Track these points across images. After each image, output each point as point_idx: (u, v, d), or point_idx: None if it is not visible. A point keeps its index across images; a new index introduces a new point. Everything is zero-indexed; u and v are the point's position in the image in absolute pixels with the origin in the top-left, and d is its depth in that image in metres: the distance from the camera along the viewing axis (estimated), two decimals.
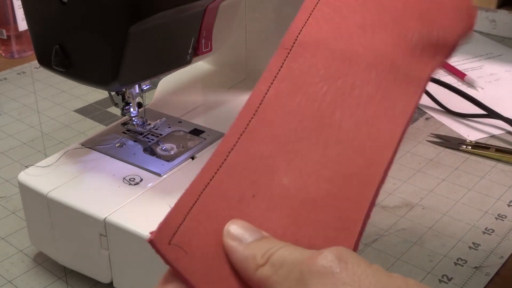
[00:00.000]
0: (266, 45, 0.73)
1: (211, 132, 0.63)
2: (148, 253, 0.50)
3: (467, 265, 0.58)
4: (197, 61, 0.57)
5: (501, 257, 0.58)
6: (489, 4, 1.09)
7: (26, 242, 0.62)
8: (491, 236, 0.62)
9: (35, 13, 0.53)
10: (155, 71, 0.54)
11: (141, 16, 0.48)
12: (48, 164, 0.58)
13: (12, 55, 1.04)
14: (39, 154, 0.77)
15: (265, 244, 0.32)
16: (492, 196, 0.68)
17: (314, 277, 0.29)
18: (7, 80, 0.96)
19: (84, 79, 0.53)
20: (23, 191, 0.57)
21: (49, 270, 0.59)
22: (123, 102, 0.60)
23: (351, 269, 0.29)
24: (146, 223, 0.51)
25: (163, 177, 0.56)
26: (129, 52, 0.49)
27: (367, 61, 0.38)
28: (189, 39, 0.54)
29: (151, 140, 0.62)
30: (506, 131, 0.80)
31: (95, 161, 0.59)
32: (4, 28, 1.02)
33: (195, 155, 0.60)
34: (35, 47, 0.54)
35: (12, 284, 0.57)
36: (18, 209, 0.67)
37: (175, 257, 0.33)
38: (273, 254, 0.31)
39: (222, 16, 0.57)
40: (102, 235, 0.52)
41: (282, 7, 0.70)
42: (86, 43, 0.50)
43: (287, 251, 0.31)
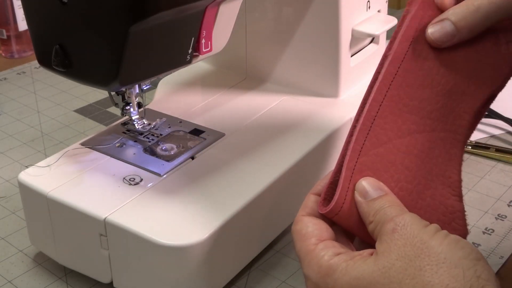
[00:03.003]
0: (266, 45, 0.73)
1: (211, 132, 0.63)
2: (148, 253, 0.51)
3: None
4: (197, 61, 0.57)
5: (501, 257, 0.58)
6: None
7: (26, 242, 0.62)
8: (491, 236, 0.62)
9: (35, 13, 0.52)
10: (155, 71, 0.54)
11: (141, 16, 0.48)
12: (48, 164, 0.58)
13: (12, 55, 1.04)
14: (39, 154, 0.77)
15: (378, 203, 0.40)
16: (492, 196, 0.68)
17: (386, 234, 0.39)
18: (7, 80, 0.96)
19: (84, 79, 0.53)
20: (23, 191, 0.57)
21: (49, 270, 0.59)
22: (123, 102, 0.60)
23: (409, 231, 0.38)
24: (146, 223, 0.51)
25: (163, 177, 0.56)
26: (129, 52, 0.49)
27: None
28: (189, 39, 0.54)
29: (151, 140, 0.62)
30: (506, 131, 0.80)
31: (95, 161, 0.59)
32: (4, 28, 1.02)
33: (195, 155, 0.60)
34: (35, 47, 0.54)
35: (12, 284, 0.57)
36: (18, 209, 0.67)
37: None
38: (377, 214, 0.40)
39: (222, 16, 0.57)
40: (102, 235, 0.52)
41: (282, 7, 0.70)
42: (86, 43, 0.50)
43: (386, 211, 0.40)
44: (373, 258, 0.38)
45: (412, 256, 0.37)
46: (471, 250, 0.37)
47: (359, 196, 0.42)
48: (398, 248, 0.37)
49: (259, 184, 0.55)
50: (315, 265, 0.39)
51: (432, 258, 0.36)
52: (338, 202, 0.42)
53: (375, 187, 0.42)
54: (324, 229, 0.41)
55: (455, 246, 0.37)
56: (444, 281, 0.35)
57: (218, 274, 0.53)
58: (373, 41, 0.76)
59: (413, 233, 0.38)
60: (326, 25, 0.68)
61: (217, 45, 0.58)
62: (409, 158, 0.43)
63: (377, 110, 0.44)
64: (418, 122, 0.44)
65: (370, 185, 0.42)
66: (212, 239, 0.50)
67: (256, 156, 0.59)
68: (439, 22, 0.44)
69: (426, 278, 0.35)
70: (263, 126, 0.65)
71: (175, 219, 0.52)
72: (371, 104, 0.44)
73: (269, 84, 0.74)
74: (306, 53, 0.70)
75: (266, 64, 0.74)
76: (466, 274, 0.35)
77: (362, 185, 0.42)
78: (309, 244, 0.40)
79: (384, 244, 0.38)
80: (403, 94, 0.45)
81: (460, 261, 0.36)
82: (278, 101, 0.70)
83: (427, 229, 0.38)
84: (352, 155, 0.43)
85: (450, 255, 0.36)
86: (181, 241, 0.49)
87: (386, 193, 0.41)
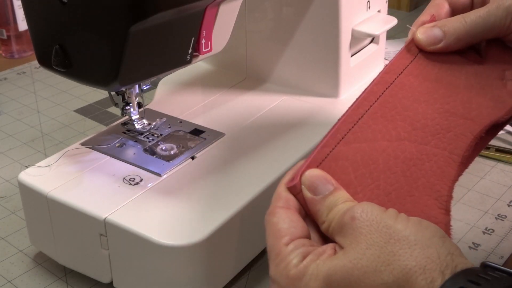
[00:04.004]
0: (266, 45, 0.73)
1: (211, 132, 0.63)
2: (148, 253, 0.51)
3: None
4: (197, 61, 0.57)
5: (501, 257, 0.58)
6: None
7: (26, 242, 0.62)
8: (491, 236, 0.62)
9: (35, 13, 0.52)
10: (155, 71, 0.54)
11: (142, 16, 0.48)
12: (48, 164, 0.58)
13: (12, 55, 1.04)
14: (39, 154, 0.77)
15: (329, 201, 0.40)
16: (492, 196, 0.68)
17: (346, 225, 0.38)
18: (7, 80, 0.96)
19: (84, 79, 0.53)
20: (23, 191, 0.57)
21: (49, 270, 0.59)
22: (123, 102, 0.60)
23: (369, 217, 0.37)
24: (146, 223, 0.51)
25: (163, 177, 0.56)
26: (129, 52, 0.49)
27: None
28: (189, 39, 0.54)
29: (151, 140, 0.62)
30: (506, 131, 0.80)
31: (95, 161, 0.59)
32: (4, 28, 1.02)
33: (195, 155, 0.60)
34: (35, 47, 0.54)
35: (12, 284, 0.57)
36: (18, 209, 0.67)
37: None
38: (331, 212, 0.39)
39: (222, 16, 0.57)
40: (102, 235, 0.52)
41: (282, 7, 0.70)
42: (86, 43, 0.50)
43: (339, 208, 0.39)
44: (341, 253, 0.37)
45: (381, 242, 0.36)
46: (435, 228, 0.37)
47: (308, 192, 0.40)
48: (365, 236, 0.37)
49: (259, 184, 0.55)
50: (284, 269, 0.38)
51: (403, 242, 0.36)
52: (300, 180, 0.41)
53: (323, 180, 0.40)
54: (299, 226, 0.40)
55: (421, 227, 0.37)
56: (421, 262, 0.35)
57: (218, 274, 0.53)
58: (373, 41, 0.76)
59: (375, 219, 0.37)
60: (326, 25, 0.68)
61: (217, 45, 0.58)
62: (394, 161, 0.43)
63: (367, 109, 0.44)
64: (410, 132, 0.44)
65: (318, 178, 0.40)
66: (212, 239, 0.50)
67: (256, 156, 0.59)
68: (429, 27, 0.48)
69: (402, 263, 0.35)
70: (263, 126, 0.65)
71: (175, 219, 0.52)
72: (361, 102, 0.44)
73: (269, 84, 0.74)
74: (306, 53, 0.70)
75: (266, 64, 0.74)
76: (440, 252, 0.35)
77: (309, 179, 0.40)
78: (280, 244, 0.39)
79: (349, 237, 0.37)
80: (397, 103, 0.45)
81: (430, 240, 0.36)
82: (278, 101, 0.70)
83: (387, 213, 0.38)
84: (329, 140, 0.42)
85: (420, 236, 0.36)
86: (181, 241, 0.49)
87: (335, 188, 0.40)
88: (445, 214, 0.42)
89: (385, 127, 0.44)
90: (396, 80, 0.46)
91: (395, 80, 0.46)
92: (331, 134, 0.43)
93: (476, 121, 0.45)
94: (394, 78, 0.46)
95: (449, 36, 0.48)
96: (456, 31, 0.47)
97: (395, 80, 0.46)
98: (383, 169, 0.42)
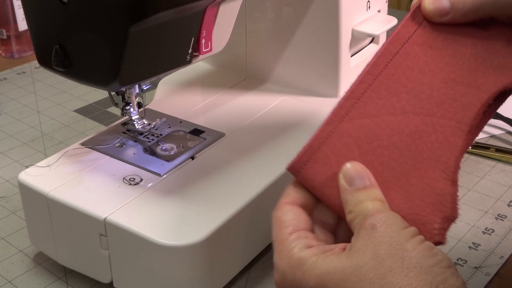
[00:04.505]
0: (266, 45, 0.73)
1: (211, 132, 0.63)
2: (148, 253, 0.50)
3: (467, 265, 0.58)
4: (197, 61, 0.57)
5: (501, 257, 0.58)
6: None
7: (26, 242, 0.62)
8: (491, 236, 0.62)
9: (35, 13, 0.52)
10: (155, 71, 0.54)
11: (141, 16, 0.48)
12: (48, 164, 0.58)
13: (12, 55, 1.04)
14: (39, 154, 0.77)
15: (361, 195, 0.40)
16: (492, 196, 0.68)
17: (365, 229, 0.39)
18: (7, 80, 0.96)
19: (84, 79, 0.53)
20: (23, 191, 0.57)
21: (49, 270, 0.59)
22: (123, 102, 0.60)
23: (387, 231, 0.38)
24: (146, 223, 0.51)
25: (163, 177, 0.56)
26: (129, 52, 0.49)
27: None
28: (189, 39, 0.54)
29: (151, 140, 0.62)
30: (506, 131, 0.80)
31: (95, 161, 0.59)
32: (4, 28, 1.02)
33: (195, 155, 0.60)
34: (35, 47, 0.54)
35: (12, 284, 0.57)
36: (18, 209, 0.67)
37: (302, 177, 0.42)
38: (358, 205, 0.40)
39: (222, 16, 0.57)
40: (102, 235, 0.52)
41: (282, 7, 0.70)
42: (86, 43, 0.50)
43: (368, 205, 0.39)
44: (346, 254, 0.38)
45: (384, 255, 0.37)
46: (443, 258, 0.37)
47: (343, 181, 0.41)
48: (374, 246, 0.37)
49: (259, 184, 0.55)
50: (285, 255, 0.39)
51: (404, 261, 0.37)
52: (301, 158, 0.41)
53: (361, 175, 0.41)
54: (303, 219, 0.41)
55: (428, 253, 0.37)
56: (413, 284, 0.36)
57: (218, 274, 0.53)
58: (373, 41, 0.76)
59: (391, 233, 0.38)
60: (326, 25, 0.68)
61: (217, 45, 0.58)
62: (398, 136, 0.43)
63: (370, 83, 0.44)
64: (415, 104, 0.44)
65: (357, 171, 0.41)
66: (212, 239, 0.50)
67: (256, 156, 0.59)
68: None
69: (394, 279, 0.36)
70: (263, 126, 0.65)
71: (175, 219, 0.52)
72: (365, 76, 0.44)
73: (269, 84, 0.74)
74: (306, 53, 0.70)
75: (266, 64, 0.74)
76: (434, 279, 0.36)
77: (348, 170, 0.41)
78: (284, 233, 0.40)
79: (360, 241, 0.38)
80: (401, 75, 0.44)
81: (430, 268, 0.37)
82: (278, 101, 0.70)
83: (405, 231, 0.38)
84: (332, 117, 0.42)
85: (422, 261, 0.37)
86: (181, 241, 0.49)
87: (371, 184, 0.41)
88: (452, 185, 0.42)
89: (389, 100, 0.44)
90: (400, 50, 0.45)
91: (400, 50, 0.45)
92: (334, 111, 0.43)
93: (483, 89, 0.45)
94: (399, 48, 0.45)
95: (457, 11, 0.46)
96: (464, 6, 0.46)
97: (399, 50, 0.45)
98: (387, 145, 0.42)
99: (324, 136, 0.42)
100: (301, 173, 0.41)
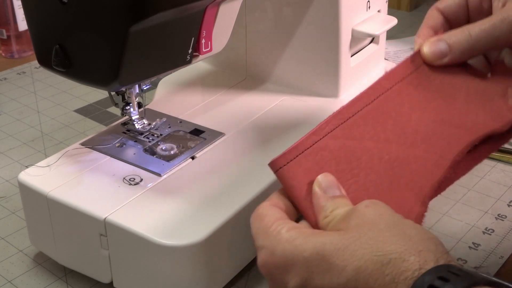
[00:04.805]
0: (266, 45, 0.73)
1: (211, 132, 0.63)
2: (148, 253, 0.50)
3: (467, 265, 0.58)
4: (197, 61, 0.57)
5: (501, 257, 0.58)
6: None
7: (26, 242, 0.62)
8: (491, 236, 0.62)
9: (35, 13, 0.53)
10: (155, 71, 0.54)
11: (141, 16, 0.48)
12: (48, 164, 0.58)
13: (12, 55, 1.04)
14: (39, 154, 0.77)
15: (338, 202, 0.41)
16: (492, 196, 0.68)
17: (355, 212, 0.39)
18: (7, 80, 0.96)
19: (84, 79, 0.53)
20: (23, 191, 0.57)
21: (49, 270, 0.59)
22: (123, 102, 0.60)
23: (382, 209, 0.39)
24: (146, 223, 0.51)
25: (163, 177, 0.56)
26: (129, 52, 0.49)
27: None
28: (189, 39, 0.54)
29: (151, 140, 0.62)
30: None
31: (95, 161, 0.59)
32: (4, 28, 1.02)
33: (195, 155, 0.60)
34: (35, 47, 0.54)
35: (12, 284, 0.57)
36: (18, 209, 0.67)
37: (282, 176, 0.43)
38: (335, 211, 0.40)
39: (222, 16, 0.57)
40: (102, 235, 0.52)
41: (282, 7, 0.70)
42: (86, 43, 0.50)
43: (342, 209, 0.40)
44: (341, 232, 0.38)
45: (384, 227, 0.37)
46: (438, 240, 0.38)
47: (318, 188, 0.42)
48: (371, 220, 0.38)
49: (259, 184, 0.55)
50: (273, 235, 0.39)
51: (405, 232, 0.37)
52: (285, 156, 0.42)
53: (334, 185, 0.42)
54: (286, 216, 0.41)
55: (425, 232, 0.38)
56: (419, 247, 0.36)
57: (218, 274, 0.53)
58: (373, 41, 0.76)
59: (387, 211, 0.39)
60: (326, 25, 0.68)
61: (217, 45, 0.58)
62: (377, 161, 0.44)
63: (359, 110, 0.45)
64: (400, 136, 0.45)
65: (331, 182, 0.42)
66: (212, 239, 0.50)
67: (256, 156, 0.59)
68: (435, 41, 0.49)
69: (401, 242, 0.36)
70: (263, 126, 0.65)
71: (175, 219, 0.52)
72: (354, 102, 0.45)
73: (269, 84, 0.74)
74: (306, 53, 0.70)
75: (266, 64, 0.74)
76: (438, 247, 0.36)
77: (323, 179, 0.42)
78: (267, 222, 0.40)
79: (354, 220, 0.38)
80: (391, 108, 0.46)
81: (432, 238, 0.37)
82: (278, 101, 0.70)
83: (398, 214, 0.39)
84: (318, 130, 0.44)
85: (423, 233, 0.37)
86: (181, 241, 0.49)
87: (344, 195, 0.42)
88: (421, 206, 0.42)
89: (374, 128, 0.45)
90: (394, 86, 0.47)
91: (393, 86, 0.47)
92: (321, 125, 0.44)
93: (471, 131, 0.45)
94: (393, 84, 0.47)
95: (455, 50, 0.48)
96: (461, 44, 0.48)
97: (393, 86, 0.47)
98: (365, 167, 0.43)
99: (309, 145, 0.43)
100: (280, 172, 0.42)
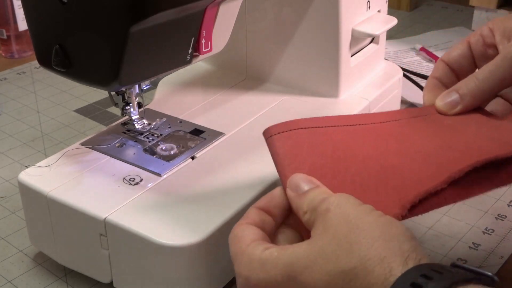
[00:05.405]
0: (266, 45, 0.73)
1: (211, 132, 0.63)
2: (148, 253, 0.50)
3: (467, 265, 0.58)
4: (197, 61, 0.57)
5: (501, 257, 0.58)
6: (489, 4, 1.08)
7: (26, 242, 0.62)
8: (491, 236, 0.62)
9: (35, 13, 0.53)
10: (155, 71, 0.54)
11: (142, 16, 0.48)
12: (48, 164, 0.58)
13: (12, 55, 1.04)
14: (39, 154, 0.77)
15: (310, 195, 0.41)
16: (492, 196, 0.68)
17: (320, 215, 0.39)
18: (7, 80, 0.96)
19: (84, 79, 0.53)
20: (23, 191, 0.57)
21: (49, 270, 0.59)
22: (123, 102, 0.60)
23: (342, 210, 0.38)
24: (146, 223, 0.51)
25: (163, 177, 0.56)
26: (129, 52, 0.49)
27: None
28: (189, 39, 0.54)
29: (151, 140, 0.62)
30: None
31: (95, 161, 0.59)
32: (4, 28, 1.02)
33: (195, 155, 0.60)
34: (35, 47, 0.54)
35: (12, 284, 0.57)
36: (18, 209, 0.67)
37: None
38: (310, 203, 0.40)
39: (222, 16, 0.57)
40: (102, 235, 0.52)
41: (282, 7, 0.70)
42: (86, 43, 0.50)
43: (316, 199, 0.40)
44: (307, 242, 0.38)
45: (346, 232, 0.37)
46: (406, 230, 0.37)
47: (290, 191, 0.42)
48: (334, 227, 0.37)
49: (259, 184, 0.55)
50: (246, 261, 0.39)
51: (366, 233, 0.36)
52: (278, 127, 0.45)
53: (306, 180, 0.42)
54: (261, 235, 0.41)
55: (390, 224, 0.37)
56: (381, 253, 0.35)
57: (218, 274, 0.53)
58: (373, 41, 0.76)
59: (347, 211, 0.38)
60: (326, 25, 0.68)
61: (217, 45, 0.58)
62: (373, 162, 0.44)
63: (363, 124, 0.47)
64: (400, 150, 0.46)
65: (302, 178, 0.42)
66: (212, 239, 0.50)
67: (256, 156, 0.59)
68: (446, 93, 0.51)
69: (362, 252, 0.36)
70: (263, 126, 0.65)
71: (175, 219, 0.52)
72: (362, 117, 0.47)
73: (269, 84, 0.74)
74: (306, 53, 0.70)
75: (266, 64, 0.74)
76: (403, 247, 0.36)
77: (293, 181, 0.42)
78: (242, 245, 0.40)
79: (318, 227, 0.38)
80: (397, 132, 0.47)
81: (395, 236, 0.36)
82: (278, 101, 0.70)
83: (362, 207, 0.39)
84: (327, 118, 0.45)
85: (385, 230, 0.37)
86: (181, 241, 0.49)
87: (319, 186, 0.42)
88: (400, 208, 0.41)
89: (376, 141, 0.46)
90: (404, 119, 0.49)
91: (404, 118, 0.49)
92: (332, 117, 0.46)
93: (474, 156, 0.45)
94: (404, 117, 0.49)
95: (465, 97, 0.50)
96: (470, 90, 0.50)
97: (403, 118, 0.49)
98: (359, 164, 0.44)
99: (312, 125, 0.44)
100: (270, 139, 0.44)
